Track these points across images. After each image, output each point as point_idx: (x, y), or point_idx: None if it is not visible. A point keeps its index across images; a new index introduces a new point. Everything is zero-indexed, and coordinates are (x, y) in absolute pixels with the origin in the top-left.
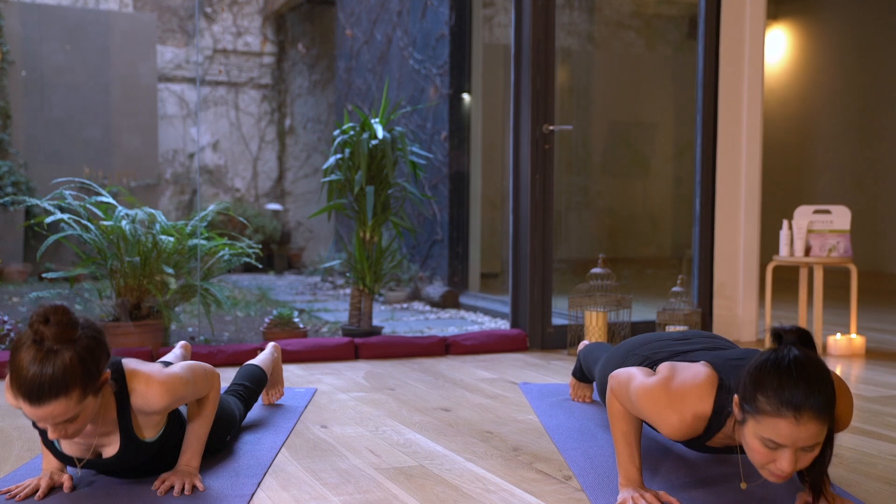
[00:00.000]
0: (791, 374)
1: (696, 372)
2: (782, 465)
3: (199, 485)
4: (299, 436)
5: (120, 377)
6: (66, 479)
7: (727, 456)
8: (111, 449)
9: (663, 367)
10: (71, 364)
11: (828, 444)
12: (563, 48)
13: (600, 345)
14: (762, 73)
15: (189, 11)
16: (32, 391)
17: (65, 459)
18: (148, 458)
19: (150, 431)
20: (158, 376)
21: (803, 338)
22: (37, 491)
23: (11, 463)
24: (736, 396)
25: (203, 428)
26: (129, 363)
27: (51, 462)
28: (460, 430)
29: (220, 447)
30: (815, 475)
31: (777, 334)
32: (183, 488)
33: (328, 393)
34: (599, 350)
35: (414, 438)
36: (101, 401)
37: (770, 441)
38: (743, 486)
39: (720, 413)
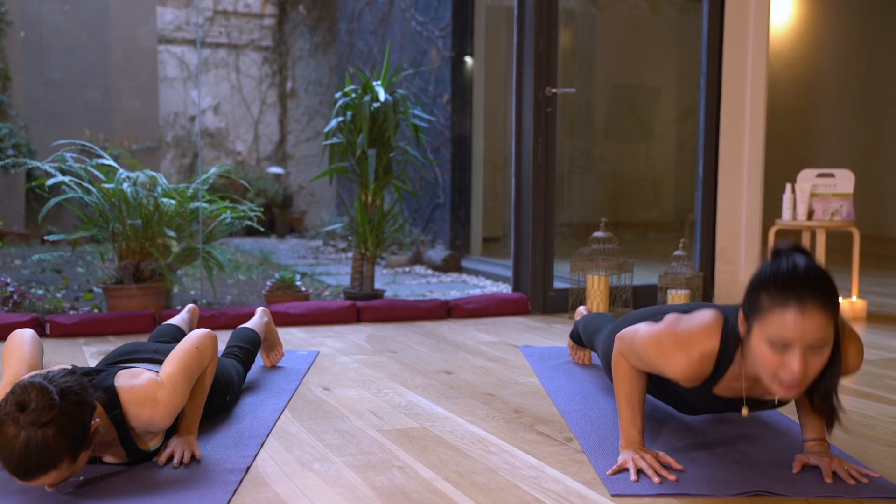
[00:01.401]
0: (793, 271)
1: (701, 314)
2: (792, 366)
3: (197, 453)
4: (302, 398)
5: (115, 402)
6: None
7: (729, 417)
8: (116, 458)
9: (668, 316)
10: (55, 441)
11: (836, 356)
12: (566, 10)
13: (601, 315)
14: (767, 37)
15: None
16: (21, 471)
17: None
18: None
19: (153, 441)
20: (157, 398)
21: (801, 252)
22: None
23: None
24: (741, 312)
25: (200, 396)
26: (123, 384)
27: None
28: (462, 392)
29: (220, 409)
30: (824, 392)
31: (776, 251)
32: (182, 459)
33: (330, 356)
34: (600, 320)
35: (416, 401)
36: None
37: (777, 338)
38: (744, 411)
39: (727, 352)
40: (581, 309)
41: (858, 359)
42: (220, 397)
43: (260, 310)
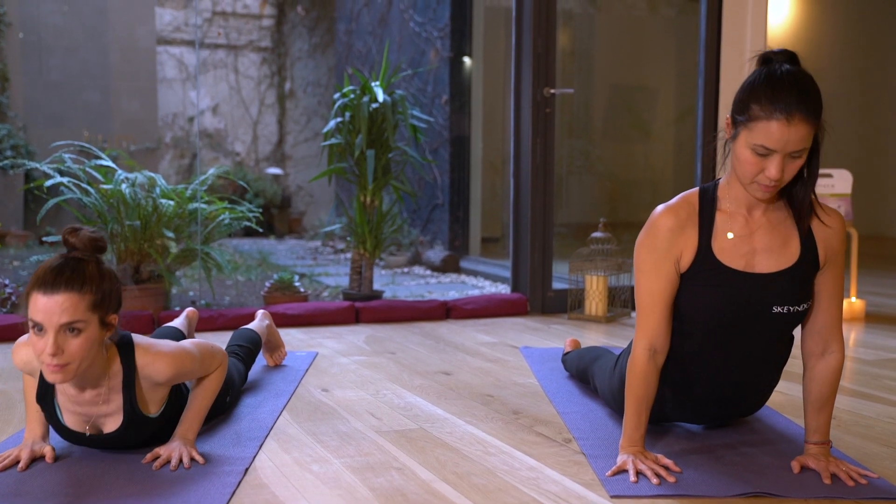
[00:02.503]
0: (784, 82)
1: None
2: (770, 171)
3: (198, 457)
4: (300, 399)
5: (128, 347)
6: (47, 450)
7: (727, 427)
8: (113, 423)
9: None
10: (91, 270)
11: (813, 156)
12: (564, 10)
13: (596, 347)
14: (765, 36)
15: None
16: (48, 279)
17: (67, 434)
18: (148, 436)
19: (153, 406)
20: (166, 348)
21: (792, 59)
22: (18, 462)
23: (14, 426)
24: (727, 116)
25: (204, 401)
26: (139, 337)
27: (34, 432)
28: (461, 393)
29: (220, 410)
30: (801, 192)
31: (768, 57)
32: (181, 461)
33: (329, 357)
34: (596, 350)
35: (414, 402)
36: (105, 358)
37: (761, 147)
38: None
39: (707, 196)
40: (569, 340)
41: (842, 241)
42: (220, 398)
43: (260, 313)
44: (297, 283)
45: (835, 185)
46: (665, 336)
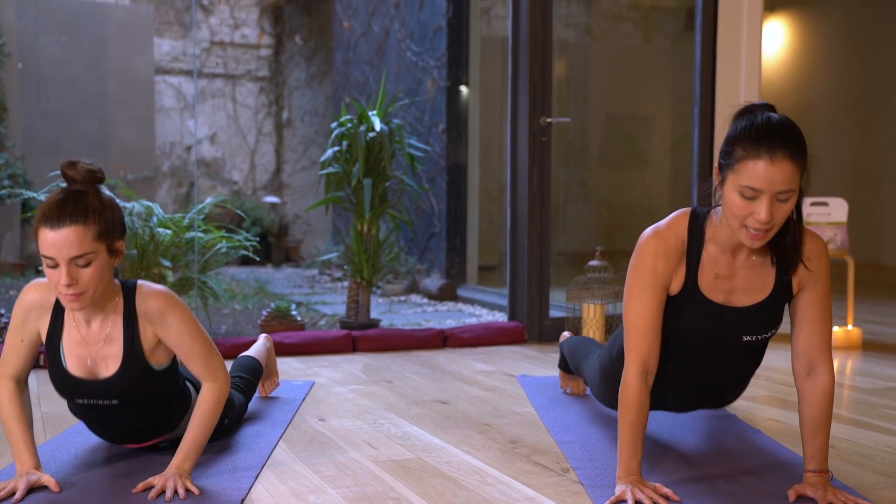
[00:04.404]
0: (766, 123)
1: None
2: (759, 214)
3: (193, 488)
4: (297, 429)
5: (132, 287)
6: (48, 480)
7: (727, 448)
8: (113, 365)
9: None
10: (92, 201)
11: (799, 208)
12: (560, 40)
13: (587, 340)
14: (760, 65)
15: (186, 3)
16: (53, 213)
17: (66, 385)
18: (147, 399)
19: (154, 357)
20: (174, 298)
21: (772, 109)
22: (14, 493)
23: (8, 457)
24: (715, 166)
25: (200, 429)
26: (150, 287)
27: (25, 463)
28: (458, 422)
29: (218, 434)
30: (790, 247)
31: (750, 108)
32: (175, 492)
33: (326, 386)
34: (588, 346)
35: (412, 431)
36: (114, 288)
37: (748, 188)
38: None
39: (696, 227)
40: (565, 333)
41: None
42: (219, 422)
43: (263, 336)
44: (294, 312)
45: (831, 213)
46: (657, 356)
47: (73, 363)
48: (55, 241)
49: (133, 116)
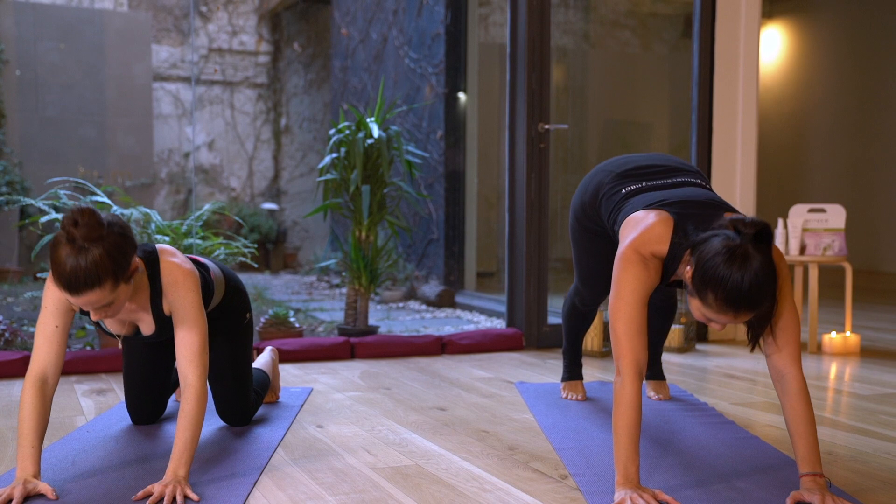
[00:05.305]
0: (737, 289)
1: (655, 219)
2: (717, 327)
3: (192, 494)
4: (295, 435)
5: (154, 261)
6: (45, 489)
7: (724, 451)
8: (147, 328)
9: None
10: (101, 259)
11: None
12: (558, 47)
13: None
14: (757, 72)
15: (184, 10)
16: (71, 284)
17: (113, 336)
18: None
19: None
20: (192, 269)
21: (760, 234)
22: (10, 500)
23: (6, 464)
24: (689, 269)
25: (188, 431)
26: (165, 254)
27: (26, 470)
28: (456, 429)
29: (239, 329)
30: (754, 334)
31: (736, 226)
32: (174, 499)
33: (324, 392)
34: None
35: (410, 438)
36: (134, 285)
37: (710, 319)
38: (683, 321)
39: (674, 258)
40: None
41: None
42: (239, 315)
43: (269, 349)
44: (292, 319)
45: (828, 219)
46: (646, 354)
47: (114, 327)
48: (78, 302)
49: (131, 123)
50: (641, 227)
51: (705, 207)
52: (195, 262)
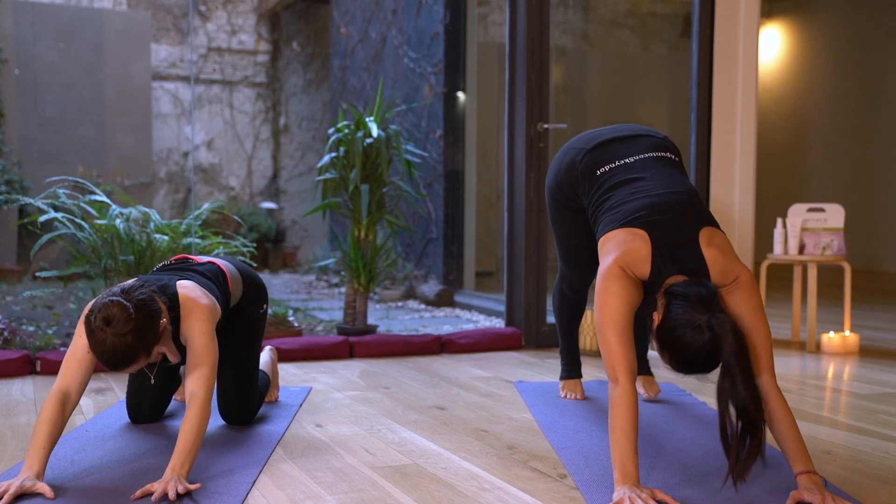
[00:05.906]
0: (697, 357)
1: (637, 243)
2: None
3: (191, 486)
4: (294, 434)
5: (175, 304)
6: (43, 488)
7: (722, 460)
8: (173, 357)
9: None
10: (134, 344)
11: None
12: (557, 46)
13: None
14: (756, 72)
15: (183, 10)
16: (109, 365)
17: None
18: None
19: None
20: (200, 301)
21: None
22: (5, 493)
23: (5, 462)
24: (657, 315)
25: (192, 434)
26: (186, 295)
27: (32, 467)
28: (455, 428)
29: (255, 320)
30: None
31: (696, 325)
32: (176, 494)
33: (323, 392)
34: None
35: (409, 437)
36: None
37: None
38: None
39: (653, 284)
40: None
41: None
42: (256, 306)
43: (268, 349)
44: (291, 318)
45: (827, 219)
46: (636, 357)
47: None
48: (116, 375)
49: (130, 122)
50: (623, 249)
51: (681, 216)
52: (213, 266)
